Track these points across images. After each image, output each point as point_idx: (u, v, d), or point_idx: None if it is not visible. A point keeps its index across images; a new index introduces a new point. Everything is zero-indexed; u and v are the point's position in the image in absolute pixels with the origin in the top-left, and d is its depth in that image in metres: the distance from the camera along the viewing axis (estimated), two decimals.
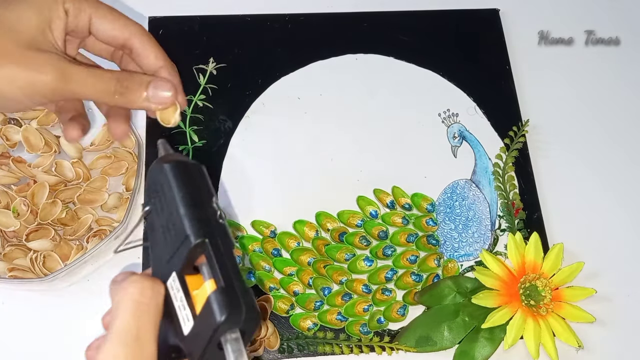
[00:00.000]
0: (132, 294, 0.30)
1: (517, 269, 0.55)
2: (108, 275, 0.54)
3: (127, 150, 0.57)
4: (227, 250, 0.30)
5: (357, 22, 0.66)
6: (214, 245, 0.30)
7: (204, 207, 0.32)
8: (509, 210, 0.59)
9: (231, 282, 0.29)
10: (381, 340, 0.53)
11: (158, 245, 0.32)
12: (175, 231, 0.31)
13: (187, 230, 0.30)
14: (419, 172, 0.60)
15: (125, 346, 0.29)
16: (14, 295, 0.53)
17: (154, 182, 0.33)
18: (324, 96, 0.62)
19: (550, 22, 0.69)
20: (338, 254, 0.56)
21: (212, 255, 0.30)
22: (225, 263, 0.30)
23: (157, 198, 0.33)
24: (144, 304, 0.30)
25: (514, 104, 0.64)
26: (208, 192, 0.33)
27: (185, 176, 0.32)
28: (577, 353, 0.55)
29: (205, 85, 0.61)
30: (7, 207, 0.53)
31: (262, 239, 0.56)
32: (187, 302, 0.30)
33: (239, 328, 0.28)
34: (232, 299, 0.28)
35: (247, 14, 0.64)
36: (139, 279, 0.31)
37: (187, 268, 0.30)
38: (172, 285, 0.31)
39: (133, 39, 0.37)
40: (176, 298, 0.30)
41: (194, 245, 0.29)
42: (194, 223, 0.30)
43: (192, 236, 0.30)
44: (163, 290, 0.31)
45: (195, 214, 0.31)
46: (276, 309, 0.53)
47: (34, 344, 0.51)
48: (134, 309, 0.30)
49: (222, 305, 0.28)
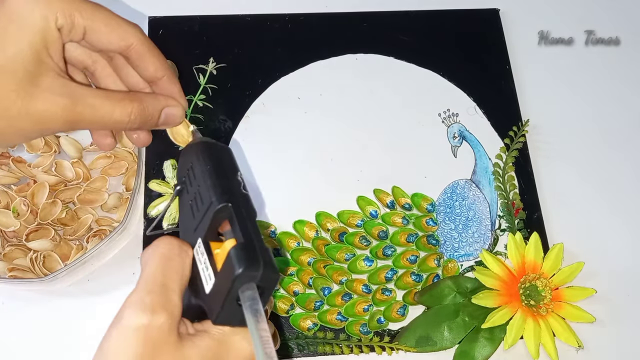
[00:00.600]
0: (160, 248, 0.31)
1: (517, 269, 0.55)
2: (108, 275, 0.54)
3: (127, 150, 0.57)
4: (249, 215, 0.32)
5: (357, 22, 0.65)
6: (236, 210, 0.31)
7: (229, 178, 0.33)
8: (509, 210, 0.59)
9: (251, 239, 0.30)
10: (381, 340, 0.53)
11: (186, 217, 0.34)
12: (202, 200, 0.32)
13: (212, 197, 0.32)
14: (419, 172, 0.60)
15: (151, 293, 0.29)
16: (14, 295, 0.53)
17: (186, 161, 0.36)
18: (324, 96, 0.62)
19: (550, 22, 0.69)
20: (338, 254, 0.56)
21: (235, 217, 0.31)
22: (246, 224, 0.31)
23: (187, 177, 0.35)
24: (171, 259, 0.31)
25: (514, 104, 0.64)
26: (233, 167, 0.35)
27: (212, 152, 0.35)
28: (577, 353, 0.55)
29: (205, 85, 0.61)
30: (7, 207, 0.53)
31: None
32: (209, 263, 0.31)
33: (257, 283, 0.29)
34: (249, 253, 0.29)
35: (247, 14, 0.64)
36: (168, 238, 0.32)
37: (212, 233, 0.32)
38: (198, 251, 0.32)
39: (131, 50, 0.35)
40: (200, 261, 0.32)
41: (218, 209, 0.31)
42: (218, 190, 0.32)
43: (216, 201, 0.31)
44: (191, 253, 0.32)
45: (220, 182, 0.32)
46: (276, 309, 0.53)
47: (34, 344, 0.51)
48: (162, 262, 0.31)
49: (240, 258, 0.29)
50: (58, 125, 0.32)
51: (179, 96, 0.38)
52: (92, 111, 0.33)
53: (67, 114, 0.32)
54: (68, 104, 0.32)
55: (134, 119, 0.35)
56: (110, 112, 0.33)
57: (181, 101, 0.38)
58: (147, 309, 0.28)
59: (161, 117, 0.37)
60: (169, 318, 0.29)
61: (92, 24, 0.33)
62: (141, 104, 0.35)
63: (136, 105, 0.35)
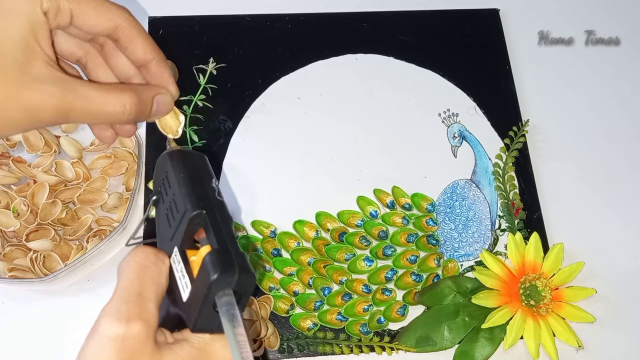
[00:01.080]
0: (136, 257, 0.31)
1: (517, 269, 0.55)
2: (108, 275, 0.54)
3: (127, 150, 0.57)
4: (224, 221, 0.32)
5: (357, 22, 0.66)
6: (211, 216, 0.31)
7: (203, 185, 0.33)
8: (509, 210, 0.59)
9: (225, 244, 0.30)
10: (381, 340, 0.53)
11: (163, 227, 0.34)
12: (177, 209, 0.32)
13: (187, 205, 0.31)
14: (419, 172, 0.60)
15: (126, 302, 0.29)
16: (14, 295, 0.53)
17: (160, 171, 0.35)
18: (324, 96, 0.62)
19: (550, 22, 0.69)
20: (338, 254, 0.56)
21: (209, 224, 0.31)
22: (220, 230, 0.31)
23: (162, 186, 0.35)
24: (147, 267, 0.31)
25: (514, 104, 0.64)
26: (207, 174, 0.34)
27: (186, 160, 0.34)
28: (577, 353, 0.55)
29: (205, 85, 0.61)
30: (7, 207, 0.53)
31: (262, 239, 0.56)
32: (186, 271, 0.31)
33: (233, 288, 0.29)
34: (224, 259, 0.29)
35: (247, 14, 0.64)
36: (144, 247, 0.32)
37: (187, 241, 0.32)
38: (175, 259, 0.32)
39: (119, 31, 0.34)
40: (177, 270, 0.31)
41: (192, 216, 0.31)
42: (193, 197, 0.32)
43: (191, 208, 0.31)
44: (167, 262, 0.32)
45: (194, 190, 0.32)
46: (276, 309, 0.53)
47: (34, 344, 0.51)
48: (138, 270, 0.30)
49: (215, 264, 0.29)
50: (49, 115, 0.31)
51: (168, 81, 0.37)
52: (84, 101, 0.32)
53: (58, 103, 0.31)
54: (58, 93, 0.31)
55: (130, 109, 0.34)
56: (103, 102, 0.33)
57: (170, 87, 0.37)
58: (122, 318, 0.28)
59: (153, 105, 0.36)
60: (145, 327, 0.28)
61: (77, 7, 0.32)
62: (135, 93, 0.34)
63: (129, 95, 0.34)
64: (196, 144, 0.58)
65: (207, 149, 0.58)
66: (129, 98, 0.34)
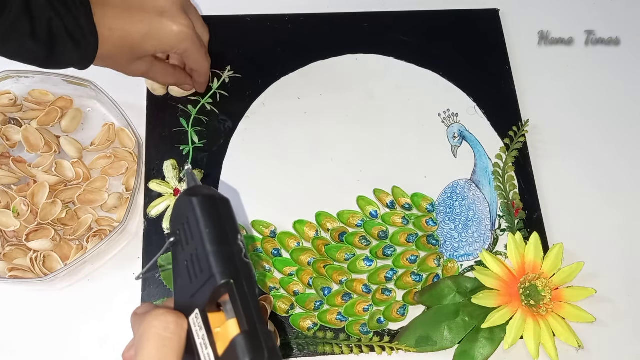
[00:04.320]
0: (156, 328, 0.31)
1: (517, 269, 0.55)
2: (108, 275, 0.54)
3: (127, 150, 0.57)
4: (251, 291, 0.31)
5: (357, 22, 0.66)
6: (239, 287, 0.30)
7: (230, 244, 0.32)
8: (509, 210, 0.59)
9: (254, 325, 0.30)
10: (381, 340, 0.53)
11: (182, 277, 0.33)
12: (201, 267, 0.31)
13: (213, 269, 0.30)
14: (419, 172, 0.60)
15: None
16: (14, 295, 0.53)
17: (181, 214, 0.34)
18: (324, 96, 0.62)
19: (550, 22, 0.69)
20: (338, 254, 0.56)
21: (237, 297, 0.30)
22: (249, 306, 0.30)
23: (182, 230, 0.33)
24: (168, 339, 0.31)
25: (514, 104, 0.64)
26: (234, 229, 0.33)
27: (213, 211, 0.33)
28: (577, 353, 0.55)
29: (215, 90, 0.61)
30: (7, 207, 0.53)
31: (262, 239, 0.56)
32: (209, 341, 0.30)
33: None
34: (255, 344, 0.29)
35: (247, 14, 0.64)
36: (163, 313, 0.31)
37: (211, 305, 0.31)
38: (195, 322, 0.31)
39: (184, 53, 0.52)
40: (198, 335, 0.31)
41: (219, 285, 0.30)
42: (220, 262, 0.30)
43: (218, 276, 0.30)
44: (186, 325, 0.31)
45: (222, 251, 0.31)
46: (276, 309, 0.53)
47: (34, 344, 0.51)
48: (158, 343, 0.30)
49: (246, 349, 0.28)
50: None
51: (198, 83, 0.59)
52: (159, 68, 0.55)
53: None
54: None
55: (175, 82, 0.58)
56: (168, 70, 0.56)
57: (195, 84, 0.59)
58: None
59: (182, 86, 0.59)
60: None
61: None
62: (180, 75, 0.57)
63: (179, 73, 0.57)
64: (196, 144, 0.58)
65: (207, 149, 0.59)
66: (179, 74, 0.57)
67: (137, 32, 0.47)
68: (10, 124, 0.56)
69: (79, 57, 0.46)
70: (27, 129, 0.55)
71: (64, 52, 0.44)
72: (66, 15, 0.43)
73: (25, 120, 0.57)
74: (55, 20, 0.43)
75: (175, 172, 0.57)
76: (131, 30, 0.47)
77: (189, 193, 0.33)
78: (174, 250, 0.34)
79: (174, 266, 0.34)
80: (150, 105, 0.60)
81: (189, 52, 0.52)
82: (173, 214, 0.35)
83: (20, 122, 0.57)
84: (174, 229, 0.34)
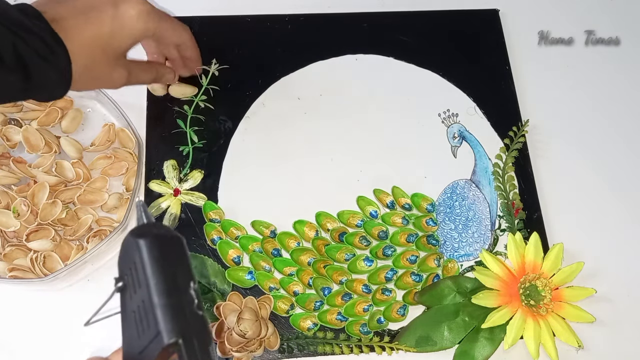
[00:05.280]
0: None
1: (517, 269, 0.55)
2: (108, 275, 0.54)
3: (127, 150, 0.57)
4: (202, 348, 0.29)
5: (357, 22, 0.66)
6: (188, 346, 0.28)
7: (180, 296, 0.29)
8: (509, 210, 0.59)
9: None
10: (381, 340, 0.53)
11: (129, 329, 0.30)
12: (148, 321, 0.29)
13: (160, 326, 0.28)
14: (419, 172, 0.60)
15: None
16: (14, 295, 0.53)
17: (129, 256, 0.31)
18: (324, 96, 0.62)
19: (550, 22, 0.69)
20: (338, 254, 0.56)
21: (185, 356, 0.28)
22: None
23: (130, 276, 0.31)
24: None
25: (514, 104, 0.64)
26: (185, 277, 0.30)
27: (161, 257, 0.30)
28: (577, 353, 0.55)
29: (207, 86, 0.61)
30: (8, 207, 0.53)
31: (262, 239, 0.56)
32: None
33: None
34: None
35: (247, 14, 0.64)
36: None
37: None
38: None
39: (182, 44, 0.54)
40: None
41: (166, 345, 0.28)
42: (168, 318, 0.28)
43: (165, 334, 0.28)
44: None
45: (170, 305, 0.28)
46: (276, 309, 0.54)
47: (34, 344, 0.51)
48: None
49: None
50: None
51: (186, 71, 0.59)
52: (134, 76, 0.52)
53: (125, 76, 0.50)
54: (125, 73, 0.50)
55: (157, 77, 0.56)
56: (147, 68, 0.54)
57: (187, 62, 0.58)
58: None
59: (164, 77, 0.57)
60: None
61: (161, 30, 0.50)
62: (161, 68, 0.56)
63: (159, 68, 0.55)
64: (196, 144, 0.58)
65: (207, 149, 0.59)
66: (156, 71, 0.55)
67: (101, 31, 0.45)
68: (11, 124, 0.56)
69: (55, 75, 0.43)
70: (28, 129, 0.55)
71: (39, 73, 0.41)
72: (29, 36, 0.40)
73: (26, 120, 0.57)
74: (19, 44, 0.40)
75: (175, 172, 0.57)
76: (95, 32, 0.44)
77: (136, 233, 0.30)
78: (122, 296, 0.31)
79: (122, 314, 0.31)
80: (150, 105, 0.60)
81: (159, 29, 0.48)
82: (120, 255, 0.32)
83: (20, 122, 0.57)
84: (122, 273, 0.31)
